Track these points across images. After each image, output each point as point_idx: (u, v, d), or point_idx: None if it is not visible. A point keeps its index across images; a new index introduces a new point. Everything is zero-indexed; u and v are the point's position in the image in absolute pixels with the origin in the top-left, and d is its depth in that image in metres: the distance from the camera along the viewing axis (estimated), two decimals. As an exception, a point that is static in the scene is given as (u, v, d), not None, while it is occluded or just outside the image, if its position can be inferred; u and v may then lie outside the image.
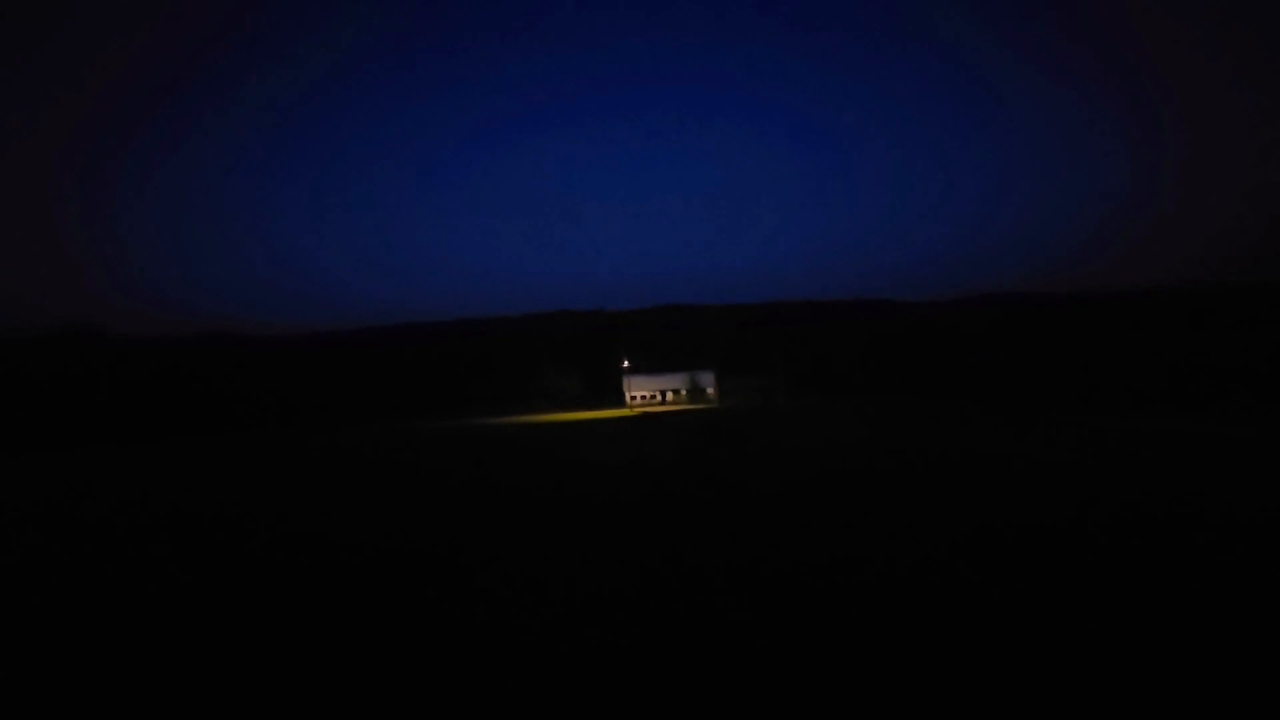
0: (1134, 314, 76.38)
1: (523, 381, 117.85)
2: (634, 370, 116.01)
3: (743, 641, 6.39)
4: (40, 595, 9.61)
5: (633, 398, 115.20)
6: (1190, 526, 10.08)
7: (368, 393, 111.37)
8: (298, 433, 71.00)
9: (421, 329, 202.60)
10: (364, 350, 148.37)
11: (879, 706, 5.08)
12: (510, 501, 15.63)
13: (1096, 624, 6.42)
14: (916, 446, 23.27)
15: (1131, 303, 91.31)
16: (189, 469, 30.52)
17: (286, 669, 6.36)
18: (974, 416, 39.11)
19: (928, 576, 8.09)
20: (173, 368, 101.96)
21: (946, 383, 77.17)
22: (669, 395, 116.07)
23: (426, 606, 8.04)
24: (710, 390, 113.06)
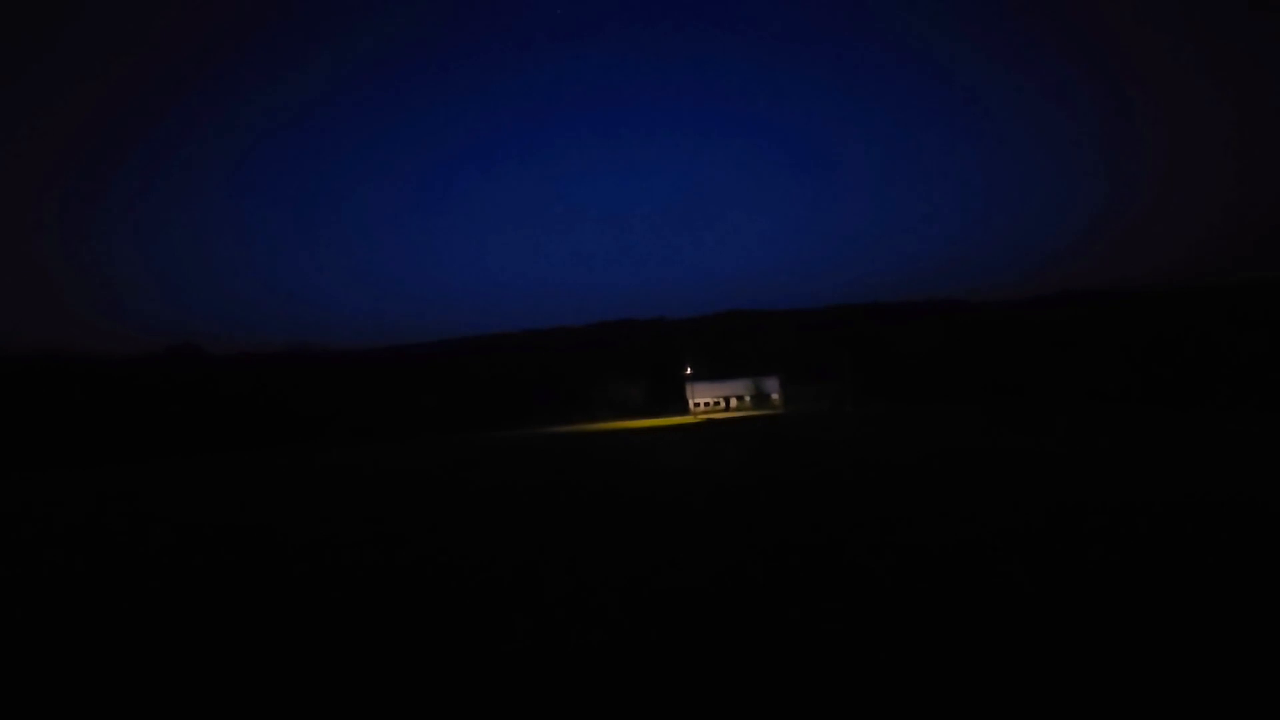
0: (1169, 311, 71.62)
1: (588, 390, 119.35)
2: (697, 377, 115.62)
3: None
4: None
5: (696, 404, 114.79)
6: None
7: (438, 405, 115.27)
8: (377, 444, 74.19)
9: (488, 341, 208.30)
10: (432, 364, 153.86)
11: None
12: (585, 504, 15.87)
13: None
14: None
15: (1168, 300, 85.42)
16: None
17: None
18: (1048, 419, 36.95)
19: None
20: (260, 383, 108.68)
21: (1023, 383, 73.37)
22: (733, 401, 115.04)
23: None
24: (775, 396, 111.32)
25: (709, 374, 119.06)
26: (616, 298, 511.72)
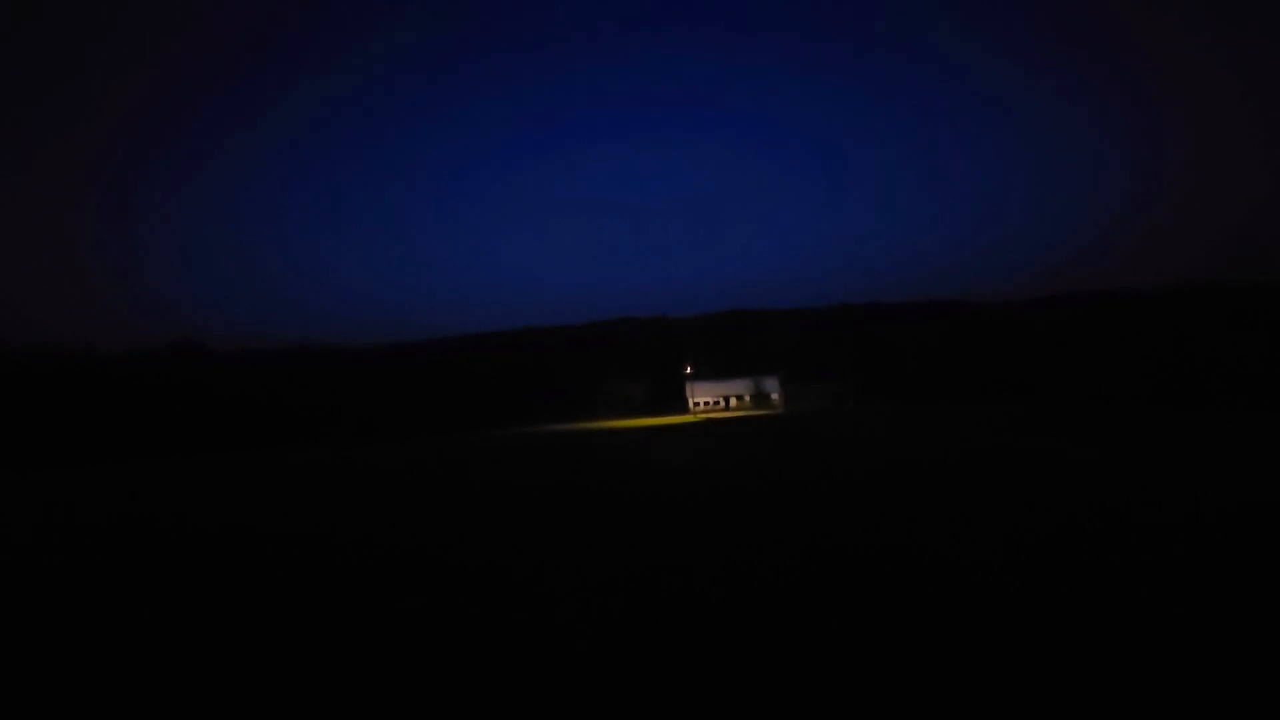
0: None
1: (587, 389, 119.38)
2: (697, 376, 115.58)
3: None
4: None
5: (696, 404, 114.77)
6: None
7: (438, 403, 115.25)
8: (378, 444, 74.21)
9: (488, 339, 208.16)
10: (432, 362, 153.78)
11: None
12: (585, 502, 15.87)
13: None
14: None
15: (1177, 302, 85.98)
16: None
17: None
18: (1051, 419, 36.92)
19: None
20: (260, 381, 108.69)
21: (1025, 383, 73.40)
22: (733, 401, 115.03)
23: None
24: (775, 396, 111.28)
25: (709, 373, 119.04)
26: (617, 295, 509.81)
